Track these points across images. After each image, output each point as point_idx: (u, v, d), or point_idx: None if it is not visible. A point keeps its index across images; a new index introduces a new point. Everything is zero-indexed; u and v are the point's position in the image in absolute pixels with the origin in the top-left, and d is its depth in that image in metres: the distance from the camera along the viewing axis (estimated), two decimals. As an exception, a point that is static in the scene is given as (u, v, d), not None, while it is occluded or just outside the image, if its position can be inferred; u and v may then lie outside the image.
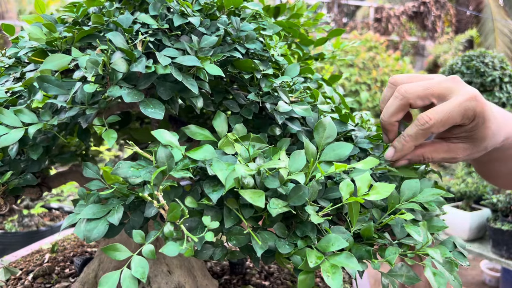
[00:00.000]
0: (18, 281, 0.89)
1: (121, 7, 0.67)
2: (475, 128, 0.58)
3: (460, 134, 0.60)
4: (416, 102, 0.58)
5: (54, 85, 0.55)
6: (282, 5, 0.92)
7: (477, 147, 0.61)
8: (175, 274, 0.77)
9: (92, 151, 0.99)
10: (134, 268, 0.45)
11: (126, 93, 0.52)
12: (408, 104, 0.58)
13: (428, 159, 0.61)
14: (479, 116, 0.57)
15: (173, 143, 0.51)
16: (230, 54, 0.60)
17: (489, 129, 0.59)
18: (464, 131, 0.59)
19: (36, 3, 0.70)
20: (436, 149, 0.61)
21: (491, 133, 0.60)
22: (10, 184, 0.59)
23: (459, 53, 5.69)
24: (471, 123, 0.57)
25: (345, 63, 3.88)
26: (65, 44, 0.61)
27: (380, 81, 4.20)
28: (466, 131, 0.59)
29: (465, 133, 0.59)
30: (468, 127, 0.58)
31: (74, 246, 1.09)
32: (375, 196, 0.50)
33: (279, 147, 0.60)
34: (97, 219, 0.50)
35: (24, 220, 2.13)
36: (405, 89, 0.58)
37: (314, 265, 0.45)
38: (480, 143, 0.60)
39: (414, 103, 0.58)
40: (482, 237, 2.56)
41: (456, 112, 0.55)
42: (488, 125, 0.59)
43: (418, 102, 0.58)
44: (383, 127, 0.61)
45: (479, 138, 0.59)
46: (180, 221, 0.46)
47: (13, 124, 0.53)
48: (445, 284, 0.48)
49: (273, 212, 0.47)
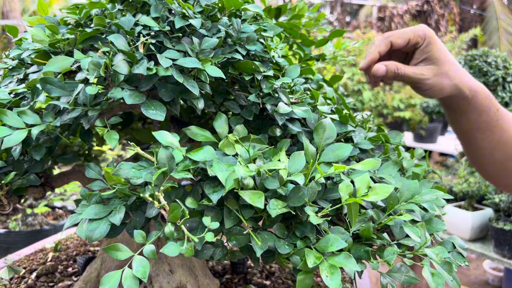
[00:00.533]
0: (21, 280, 0.90)
1: (123, 8, 0.68)
2: (429, 48, 0.76)
3: (421, 57, 0.78)
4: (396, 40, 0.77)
5: (56, 87, 0.55)
6: (283, 6, 0.92)
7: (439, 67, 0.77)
8: (176, 273, 0.78)
9: (95, 151, 1.00)
10: (135, 268, 0.46)
11: (128, 95, 0.52)
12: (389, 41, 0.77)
13: (400, 69, 0.76)
14: (428, 36, 0.76)
15: (174, 145, 0.52)
16: (231, 55, 0.61)
17: (443, 52, 0.78)
18: (422, 52, 0.77)
19: (39, 5, 0.70)
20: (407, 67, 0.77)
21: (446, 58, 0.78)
22: (13, 184, 0.60)
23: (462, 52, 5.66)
24: (423, 43, 0.77)
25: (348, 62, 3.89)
26: (68, 46, 0.61)
27: (383, 80, 4.18)
28: (424, 52, 0.77)
29: (424, 54, 0.77)
30: (423, 47, 0.77)
31: (77, 245, 1.10)
32: (374, 197, 0.50)
33: (279, 148, 0.60)
34: (99, 219, 0.51)
35: (28, 219, 2.14)
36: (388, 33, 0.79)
37: (313, 265, 0.46)
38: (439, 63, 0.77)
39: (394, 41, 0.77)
40: (484, 237, 2.55)
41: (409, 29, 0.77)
42: (439, 46, 0.78)
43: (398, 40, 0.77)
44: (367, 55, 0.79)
45: (436, 57, 0.77)
46: (181, 222, 0.47)
47: (17, 125, 0.53)
48: (443, 285, 0.48)
49: (273, 213, 0.48)
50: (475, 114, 0.85)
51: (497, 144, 0.89)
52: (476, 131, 0.89)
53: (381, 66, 0.75)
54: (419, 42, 0.76)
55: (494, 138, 0.89)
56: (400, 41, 0.76)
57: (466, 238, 2.52)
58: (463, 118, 0.87)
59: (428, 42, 0.76)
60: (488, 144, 0.90)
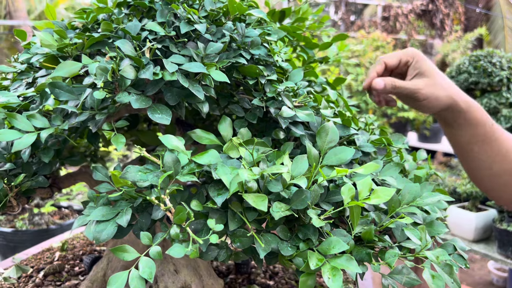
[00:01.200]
0: (29, 279, 0.91)
1: (129, 13, 0.69)
2: (419, 64, 0.84)
3: (413, 72, 0.85)
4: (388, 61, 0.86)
5: (65, 91, 0.57)
6: (287, 9, 0.93)
7: (431, 79, 0.84)
8: (181, 273, 0.79)
9: (101, 152, 1.01)
10: (141, 269, 0.47)
11: (135, 99, 0.54)
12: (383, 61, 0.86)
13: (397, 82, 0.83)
14: (416, 54, 0.85)
15: (179, 148, 0.53)
16: (235, 60, 0.62)
17: (431, 65, 0.85)
18: (414, 68, 0.85)
19: (47, 9, 0.72)
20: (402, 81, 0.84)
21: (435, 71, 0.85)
22: (22, 186, 0.61)
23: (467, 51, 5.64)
24: (413, 60, 0.85)
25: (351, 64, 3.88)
26: (75, 51, 0.63)
27: (387, 80, 4.16)
28: (415, 68, 0.85)
29: (415, 70, 0.85)
30: (413, 64, 0.85)
31: (83, 245, 1.11)
32: (376, 200, 0.51)
33: (283, 151, 0.61)
34: (106, 221, 0.52)
35: (35, 219, 2.17)
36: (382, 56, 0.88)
37: (315, 267, 0.47)
38: (430, 75, 0.84)
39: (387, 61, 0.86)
40: (488, 237, 2.55)
41: (399, 51, 0.86)
42: (428, 62, 0.85)
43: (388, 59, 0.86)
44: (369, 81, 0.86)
45: (427, 71, 0.84)
46: (186, 224, 0.48)
47: (26, 128, 0.54)
48: (443, 287, 0.49)
49: (276, 216, 0.49)
50: (472, 127, 0.90)
51: (495, 157, 0.92)
52: (473, 144, 0.93)
53: (380, 80, 0.82)
54: (409, 60, 0.85)
55: (492, 151, 0.92)
56: (392, 61, 0.85)
57: (470, 239, 2.52)
58: (460, 132, 0.92)
59: (417, 59, 0.84)
60: (486, 157, 0.93)
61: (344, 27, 7.62)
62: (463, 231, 2.52)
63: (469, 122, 0.90)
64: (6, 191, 0.59)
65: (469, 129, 0.91)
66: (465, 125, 0.90)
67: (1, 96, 0.60)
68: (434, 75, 0.84)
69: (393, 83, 0.82)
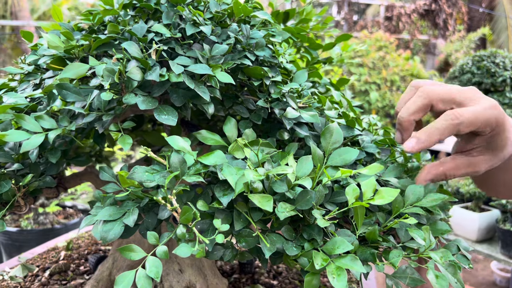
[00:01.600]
0: (35, 278, 0.92)
1: (135, 15, 0.70)
2: (494, 138, 0.59)
3: (480, 144, 0.60)
4: (438, 104, 0.58)
5: (72, 92, 0.57)
6: (291, 10, 0.94)
7: (497, 157, 0.61)
8: (186, 272, 0.80)
9: (106, 152, 1.02)
10: (148, 268, 0.48)
11: (141, 101, 0.54)
12: (430, 104, 0.58)
13: (451, 176, 0.61)
14: (499, 125, 0.57)
15: (185, 149, 0.54)
16: (240, 61, 0.62)
17: (508, 139, 0.60)
18: (483, 140, 0.59)
19: (53, 11, 0.72)
20: (457, 166, 0.61)
21: (510, 142, 0.60)
22: (30, 186, 0.62)
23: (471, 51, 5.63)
24: (491, 132, 0.58)
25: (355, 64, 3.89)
26: (82, 52, 0.63)
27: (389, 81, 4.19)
28: (486, 141, 0.59)
29: (484, 143, 0.60)
30: (487, 136, 0.59)
31: (88, 244, 1.12)
32: (380, 201, 0.51)
33: (287, 151, 0.62)
34: (113, 221, 0.53)
35: (40, 218, 2.18)
36: (429, 89, 0.59)
37: (320, 267, 0.47)
38: (499, 153, 0.60)
39: (436, 104, 0.58)
40: (491, 238, 2.55)
41: (481, 115, 0.56)
42: (507, 135, 0.59)
43: (439, 104, 0.58)
44: (400, 125, 0.60)
45: (498, 148, 0.60)
46: (193, 224, 0.49)
47: (34, 129, 0.55)
48: (447, 286, 0.50)
49: (281, 216, 0.49)
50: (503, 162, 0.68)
51: None
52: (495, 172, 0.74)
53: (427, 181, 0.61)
54: (486, 131, 0.58)
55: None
56: (467, 130, 0.57)
57: (473, 239, 2.52)
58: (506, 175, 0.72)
59: (496, 132, 0.58)
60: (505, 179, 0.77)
61: (347, 27, 7.61)
62: (466, 232, 2.52)
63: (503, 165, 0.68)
64: (14, 191, 0.60)
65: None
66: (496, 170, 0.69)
67: (9, 97, 0.60)
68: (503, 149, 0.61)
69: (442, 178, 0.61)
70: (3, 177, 0.59)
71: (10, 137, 0.53)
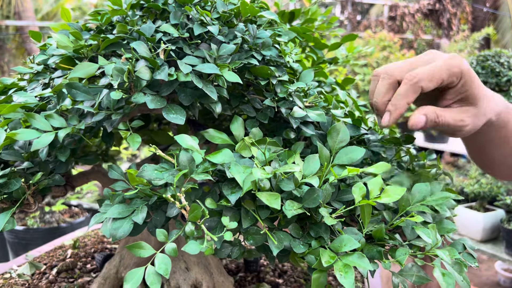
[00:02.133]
0: (43, 276, 0.93)
1: (143, 15, 0.70)
2: (466, 87, 0.61)
3: (455, 97, 0.62)
4: (402, 76, 0.61)
5: (81, 91, 0.58)
6: (296, 10, 0.94)
7: (477, 108, 0.63)
8: (192, 270, 0.80)
9: (112, 151, 1.03)
10: (157, 265, 0.48)
11: (150, 100, 0.55)
12: (396, 80, 0.61)
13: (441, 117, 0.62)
14: (465, 73, 0.59)
15: (194, 147, 0.54)
16: (247, 61, 0.63)
17: (480, 87, 0.62)
18: (457, 93, 0.62)
19: (62, 12, 0.73)
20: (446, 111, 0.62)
21: (482, 93, 0.63)
22: (40, 184, 0.62)
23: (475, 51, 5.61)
24: (459, 82, 0.60)
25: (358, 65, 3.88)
26: (91, 52, 0.64)
27: (394, 80, 4.15)
28: (459, 92, 0.61)
29: (459, 95, 0.62)
30: (458, 87, 0.61)
31: (95, 243, 1.13)
32: (387, 199, 0.52)
33: (293, 150, 0.62)
34: (122, 218, 0.53)
35: (46, 217, 2.20)
36: (389, 69, 0.62)
37: (327, 264, 0.48)
38: (478, 103, 0.63)
39: (401, 78, 0.61)
40: (496, 238, 2.54)
41: (440, 68, 0.58)
42: (478, 83, 0.62)
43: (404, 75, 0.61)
44: (377, 109, 0.63)
45: (474, 97, 0.62)
46: (201, 221, 0.49)
47: (44, 128, 0.56)
48: (453, 284, 0.50)
49: (289, 214, 0.50)
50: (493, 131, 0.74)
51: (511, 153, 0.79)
52: (489, 144, 0.78)
53: (421, 117, 0.60)
54: (454, 81, 0.60)
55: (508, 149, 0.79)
56: (432, 85, 0.59)
57: (478, 239, 2.51)
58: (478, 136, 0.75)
59: (466, 80, 0.60)
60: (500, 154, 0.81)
61: (351, 27, 7.60)
62: (471, 231, 2.52)
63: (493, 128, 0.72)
64: (24, 189, 0.61)
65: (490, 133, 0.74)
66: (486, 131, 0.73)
67: (19, 96, 0.61)
68: (481, 100, 0.63)
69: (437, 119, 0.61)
70: (13, 175, 0.60)
71: (21, 135, 0.54)
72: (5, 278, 0.92)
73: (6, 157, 0.61)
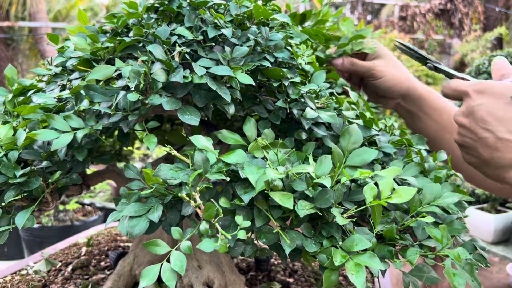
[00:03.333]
0: (58, 272, 0.95)
1: (158, 17, 0.72)
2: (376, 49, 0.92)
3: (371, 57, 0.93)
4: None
5: (99, 93, 0.60)
6: (308, 11, 0.95)
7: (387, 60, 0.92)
8: (205, 269, 0.82)
9: (125, 151, 1.05)
10: (173, 262, 0.50)
11: (166, 101, 0.56)
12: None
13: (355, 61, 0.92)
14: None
15: (208, 148, 0.55)
16: (260, 63, 0.64)
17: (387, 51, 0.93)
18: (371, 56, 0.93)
19: (79, 15, 0.75)
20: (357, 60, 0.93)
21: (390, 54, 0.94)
22: (58, 183, 0.64)
23: (487, 51, 5.55)
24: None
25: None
26: (107, 54, 0.66)
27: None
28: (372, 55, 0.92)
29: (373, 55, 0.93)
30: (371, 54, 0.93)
31: (108, 241, 1.15)
32: (398, 200, 0.53)
33: (305, 151, 0.63)
34: (138, 217, 0.55)
35: (60, 215, 2.23)
36: None
37: (339, 263, 0.48)
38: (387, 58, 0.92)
39: None
40: (507, 239, 2.52)
41: None
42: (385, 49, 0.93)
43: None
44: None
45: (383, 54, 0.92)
46: (215, 220, 0.50)
47: (63, 128, 0.58)
48: (464, 285, 0.51)
49: (301, 213, 0.51)
50: (437, 114, 0.93)
51: None
52: (443, 131, 0.94)
53: (339, 59, 0.93)
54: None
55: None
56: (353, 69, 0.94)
57: (489, 240, 2.49)
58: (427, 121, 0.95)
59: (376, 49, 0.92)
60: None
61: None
62: (482, 233, 2.50)
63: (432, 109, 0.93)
64: (43, 187, 0.63)
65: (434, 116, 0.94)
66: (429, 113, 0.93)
67: (38, 97, 0.63)
68: (390, 57, 0.92)
69: (351, 60, 0.91)
70: (33, 174, 0.62)
71: (41, 135, 0.56)
72: (22, 274, 0.94)
73: (26, 156, 0.62)
